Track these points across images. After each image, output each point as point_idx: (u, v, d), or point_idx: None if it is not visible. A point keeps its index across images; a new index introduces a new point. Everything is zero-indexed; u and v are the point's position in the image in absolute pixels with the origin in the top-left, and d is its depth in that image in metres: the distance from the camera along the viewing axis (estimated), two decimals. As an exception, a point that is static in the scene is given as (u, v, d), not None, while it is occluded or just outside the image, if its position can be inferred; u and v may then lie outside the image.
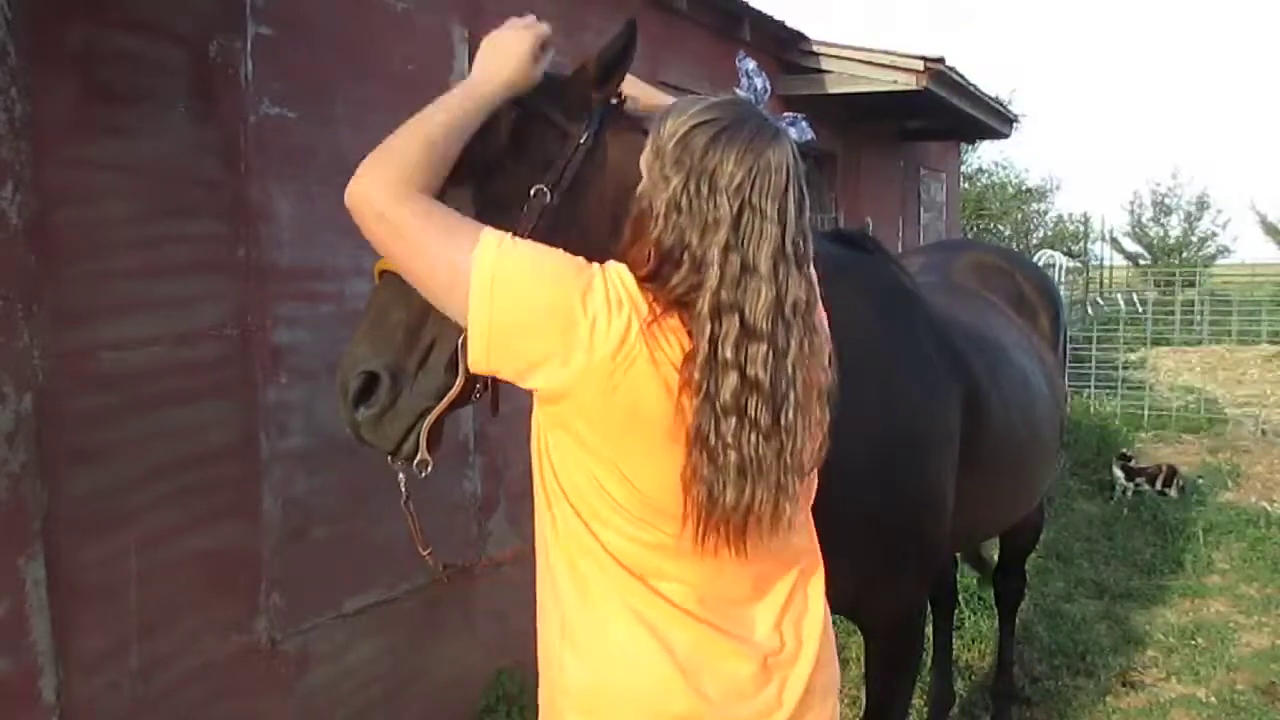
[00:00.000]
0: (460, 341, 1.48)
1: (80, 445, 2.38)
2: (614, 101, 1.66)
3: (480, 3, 3.56)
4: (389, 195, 1.34)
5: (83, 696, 2.39)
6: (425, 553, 1.70)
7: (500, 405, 1.65)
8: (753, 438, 1.31)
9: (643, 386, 1.32)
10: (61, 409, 2.34)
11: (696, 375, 1.30)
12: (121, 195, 2.45)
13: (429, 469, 1.56)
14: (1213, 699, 4.16)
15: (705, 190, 1.31)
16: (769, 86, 1.41)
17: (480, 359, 1.34)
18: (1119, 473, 7.30)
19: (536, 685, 1.56)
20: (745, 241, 1.31)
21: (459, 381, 1.52)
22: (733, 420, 1.30)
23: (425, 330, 1.53)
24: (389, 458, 1.59)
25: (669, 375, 1.32)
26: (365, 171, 1.36)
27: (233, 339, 2.75)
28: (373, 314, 1.55)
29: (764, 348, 1.30)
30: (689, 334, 1.33)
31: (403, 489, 1.64)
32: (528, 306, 1.31)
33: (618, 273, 1.35)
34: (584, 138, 1.60)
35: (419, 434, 1.54)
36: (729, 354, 1.29)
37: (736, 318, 1.30)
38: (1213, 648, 4.69)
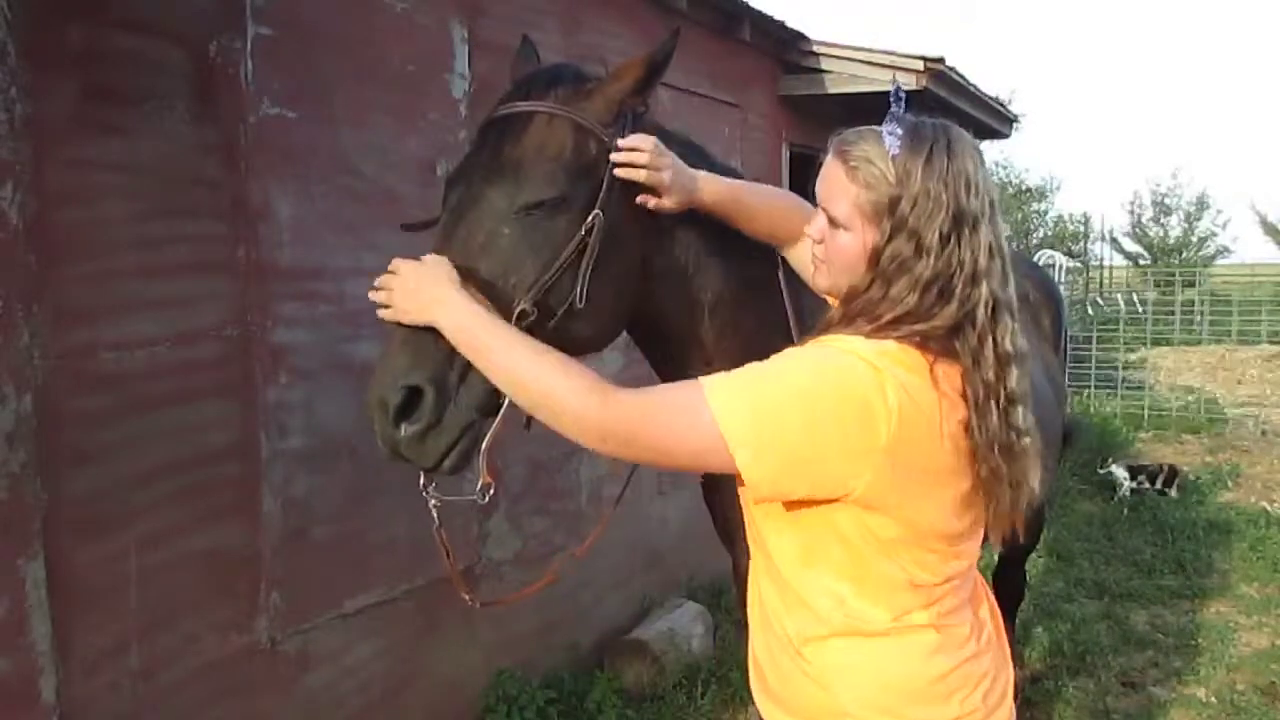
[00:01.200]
0: None
1: (80, 445, 2.38)
2: (641, 109, 1.64)
3: (480, 3, 3.56)
4: (587, 418, 1.31)
5: (83, 696, 2.39)
6: (465, 595, 1.70)
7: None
8: (1007, 422, 1.35)
9: (933, 441, 1.32)
10: (61, 409, 2.33)
11: (981, 390, 1.33)
12: (121, 195, 2.45)
13: (491, 492, 1.51)
14: (1213, 699, 4.17)
15: (962, 199, 1.35)
16: (903, 94, 1.44)
17: (772, 494, 1.34)
18: (1121, 471, 7.30)
19: (535, 686, 1.55)
20: (998, 233, 1.37)
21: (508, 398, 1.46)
22: (1019, 408, 1.35)
23: None
24: (422, 487, 1.55)
25: (951, 419, 1.33)
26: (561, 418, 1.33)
27: (233, 339, 2.75)
28: (407, 326, 1.46)
29: (1013, 321, 1.37)
30: (955, 355, 1.34)
31: (435, 518, 1.58)
32: (804, 439, 1.28)
33: (875, 349, 1.32)
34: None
35: (460, 452, 1.48)
36: (1009, 347, 1.34)
37: (1006, 308, 1.36)
38: (1213, 648, 4.69)
